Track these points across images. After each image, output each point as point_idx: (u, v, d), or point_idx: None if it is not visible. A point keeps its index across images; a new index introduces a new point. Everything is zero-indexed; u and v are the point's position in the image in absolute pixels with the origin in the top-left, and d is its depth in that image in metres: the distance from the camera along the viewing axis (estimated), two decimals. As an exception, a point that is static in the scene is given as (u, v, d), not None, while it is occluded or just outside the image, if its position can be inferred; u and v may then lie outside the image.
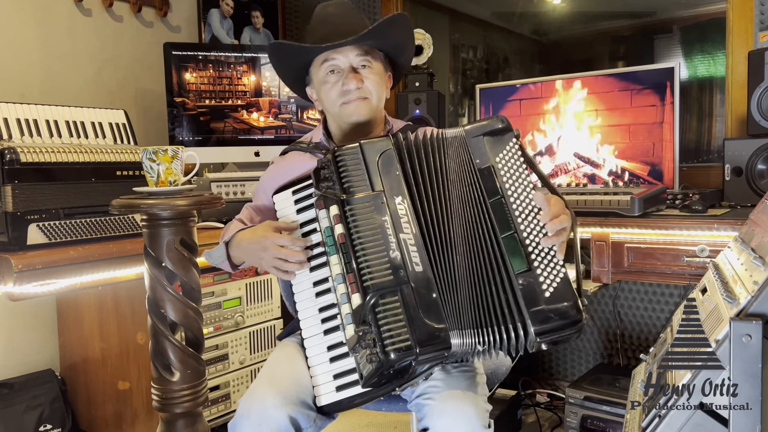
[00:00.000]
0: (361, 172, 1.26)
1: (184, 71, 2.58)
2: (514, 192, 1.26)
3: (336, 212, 1.23)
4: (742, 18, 2.23)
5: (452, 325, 1.18)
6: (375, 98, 1.48)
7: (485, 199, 1.26)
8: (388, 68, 1.56)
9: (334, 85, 1.47)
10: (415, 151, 1.30)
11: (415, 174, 1.28)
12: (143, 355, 2.01)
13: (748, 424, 1.08)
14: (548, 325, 1.16)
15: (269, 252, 1.31)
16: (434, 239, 1.24)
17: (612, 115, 2.31)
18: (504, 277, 1.20)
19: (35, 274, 1.65)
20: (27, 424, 2.14)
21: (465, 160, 1.30)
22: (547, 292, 1.18)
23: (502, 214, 1.24)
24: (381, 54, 1.52)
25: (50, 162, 1.77)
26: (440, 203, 1.27)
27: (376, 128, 1.55)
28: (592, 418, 2.10)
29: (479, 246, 1.24)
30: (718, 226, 1.74)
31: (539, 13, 3.51)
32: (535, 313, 1.16)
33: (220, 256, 1.46)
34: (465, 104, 3.66)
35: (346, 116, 1.49)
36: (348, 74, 1.45)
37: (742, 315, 1.10)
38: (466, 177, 1.29)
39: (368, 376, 1.16)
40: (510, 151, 1.30)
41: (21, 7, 2.39)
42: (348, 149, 1.29)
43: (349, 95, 1.46)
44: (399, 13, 1.48)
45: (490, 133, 1.31)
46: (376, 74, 1.48)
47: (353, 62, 1.46)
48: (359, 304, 1.17)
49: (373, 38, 1.46)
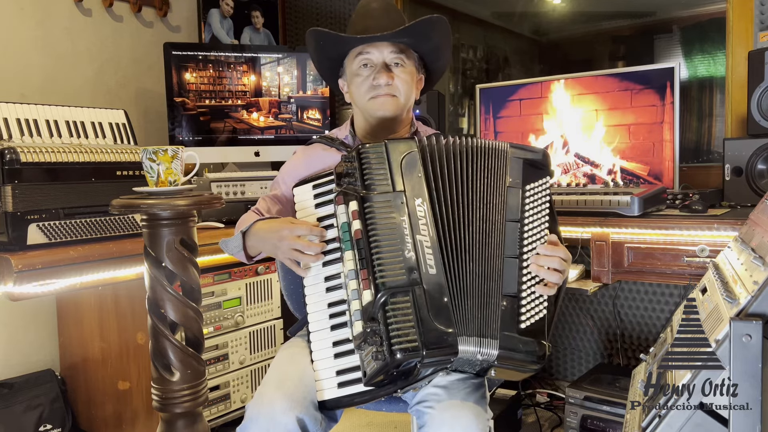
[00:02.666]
0: (384, 170, 1.27)
1: (184, 71, 2.58)
2: (530, 223, 1.29)
3: (355, 208, 1.23)
4: (742, 18, 2.23)
5: (460, 331, 1.19)
6: (403, 97, 1.48)
7: (504, 215, 1.28)
8: (422, 71, 1.56)
9: (366, 79, 1.47)
10: (438, 156, 1.30)
11: (437, 178, 1.28)
12: (143, 355, 2.01)
13: (748, 424, 1.08)
14: (512, 352, 1.20)
15: (286, 242, 1.30)
16: (450, 244, 1.24)
17: (612, 115, 2.31)
18: (495, 293, 1.23)
19: (35, 274, 1.65)
20: (27, 424, 2.14)
21: (499, 172, 1.32)
22: (524, 324, 1.22)
23: (514, 237, 1.27)
24: (416, 55, 1.52)
25: (50, 162, 1.77)
26: (460, 210, 1.28)
27: (401, 128, 1.55)
28: (592, 418, 2.10)
29: (487, 258, 1.26)
30: (718, 226, 1.74)
31: (539, 13, 3.51)
32: (506, 337, 1.20)
33: (236, 246, 1.44)
34: (465, 104, 3.65)
35: (372, 110, 1.49)
36: (380, 69, 1.46)
37: (742, 315, 1.10)
38: (493, 187, 1.30)
39: (371, 374, 1.16)
40: (540, 187, 1.33)
41: (21, 7, 2.39)
42: (373, 147, 1.29)
43: (378, 90, 1.46)
44: (438, 15, 1.47)
45: (531, 162, 1.34)
46: (407, 74, 1.48)
47: (387, 58, 1.47)
48: (369, 300, 1.16)
49: (410, 37, 1.46)
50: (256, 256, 1.47)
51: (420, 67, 1.55)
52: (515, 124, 2.53)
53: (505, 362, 1.20)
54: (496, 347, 1.19)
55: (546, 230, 1.30)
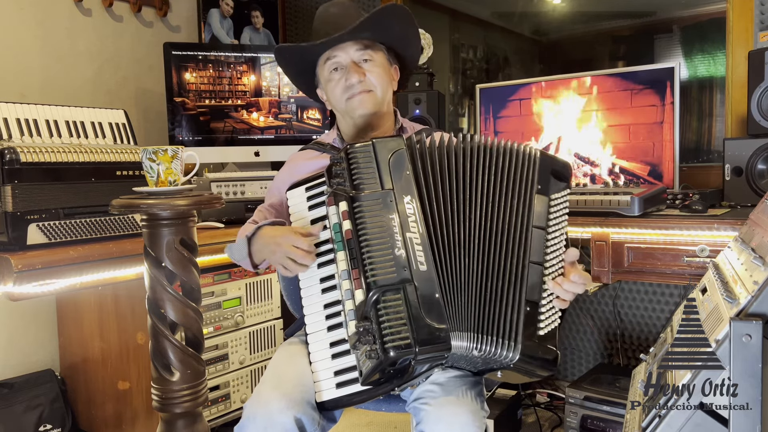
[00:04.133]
0: (372, 169, 1.27)
1: (184, 71, 2.58)
2: (554, 232, 1.30)
3: (345, 208, 1.23)
4: (742, 18, 2.23)
5: (453, 327, 1.19)
6: (379, 91, 1.49)
7: (530, 221, 1.28)
8: (394, 62, 1.57)
9: (338, 82, 1.49)
10: (428, 153, 1.30)
11: (427, 175, 1.28)
12: (143, 355, 2.01)
13: (748, 424, 1.08)
14: (531, 358, 1.20)
15: (282, 249, 1.31)
16: (442, 240, 1.24)
17: (612, 115, 2.31)
18: (517, 297, 1.23)
19: (35, 274, 1.65)
20: (27, 424, 2.14)
21: (528, 178, 1.31)
22: (542, 330, 1.22)
23: (539, 244, 1.27)
24: (383, 47, 1.53)
25: (50, 162, 1.77)
26: (454, 206, 1.27)
27: (385, 123, 1.56)
28: (592, 418, 2.10)
29: (503, 258, 1.25)
30: (718, 226, 1.74)
31: (539, 13, 3.51)
32: (527, 344, 1.20)
33: (241, 252, 1.45)
34: (465, 104, 3.66)
35: (352, 110, 1.50)
36: (350, 69, 1.47)
37: (742, 315, 1.10)
38: (520, 192, 1.30)
39: (367, 373, 1.16)
40: (561, 198, 1.33)
41: (21, 7, 2.39)
42: (360, 147, 1.29)
43: (352, 89, 1.47)
44: (393, 4, 1.49)
45: (556, 173, 1.34)
46: (378, 67, 1.49)
47: (354, 57, 1.48)
48: (362, 300, 1.17)
49: (370, 30, 1.47)
50: (260, 264, 1.48)
51: (392, 58, 1.56)
52: (515, 124, 2.53)
53: (521, 366, 1.20)
54: (517, 351, 1.19)
55: (564, 242, 1.31)
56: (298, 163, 1.60)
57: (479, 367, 1.31)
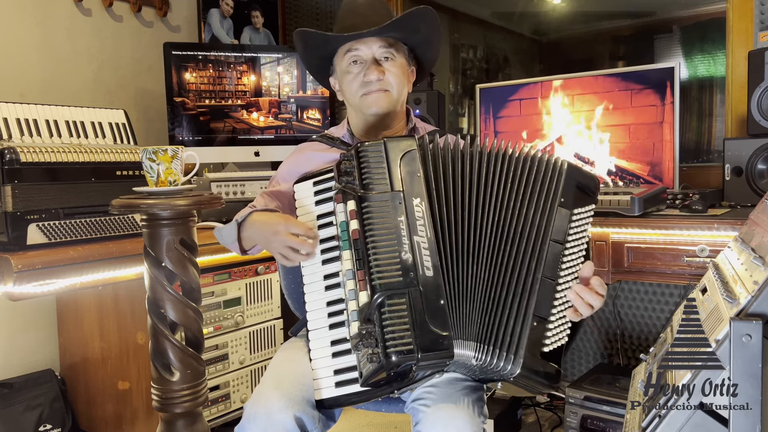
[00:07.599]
0: (383, 169, 1.24)
1: (184, 71, 2.58)
2: (572, 249, 1.27)
3: (353, 207, 1.22)
4: (742, 18, 2.23)
5: (456, 335, 1.18)
6: (395, 91, 1.48)
7: (547, 233, 1.25)
8: (412, 63, 1.55)
9: (356, 76, 1.47)
10: (441, 155, 1.28)
11: (438, 178, 1.26)
12: (143, 355, 2.01)
13: (748, 424, 1.08)
14: (532, 373, 1.19)
15: (280, 237, 1.29)
16: (450, 246, 1.23)
17: (612, 114, 2.31)
18: (523, 309, 1.21)
19: (35, 274, 1.65)
20: (27, 424, 2.14)
21: (551, 189, 1.29)
22: (547, 347, 1.21)
23: (555, 260, 1.24)
24: (405, 48, 1.51)
25: (50, 162, 1.77)
26: (465, 211, 1.25)
27: (397, 122, 1.54)
28: (592, 418, 2.10)
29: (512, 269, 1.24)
30: (718, 226, 1.74)
31: (539, 13, 3.51)
32: (530, 357, 1.19)
33: (230, 236, 1.43)
34: (465, 104, 3.66)
35: (366, 107, 1.48)
36: (370, 65, 1.45)
37: (742, 315, 1.10)
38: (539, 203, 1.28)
39: (367, 376, 1.15)
40: (585, 214, 1.31)
41: (21, 7, 2.39)
42: (372, 145, 1.27)
43: (369, 86, 1.45)
44: (426, 6, 1.44)
45: (582, 186, 1.31)
46: (398, 67, 1.47)
47: (376, 54, 1.46)
48: (366, 302, 1.15)
49: (399, 31, 1.45)
50: (250, 250, 1.46)
51: (411, 59, 1.54)
52: (515, 124, 2.53)
53: (521, 381, 1.19)
54: (518, 365, 1.18)
55: (582, 258, 1.28)
56: (307, 153, 1.57)
57: (478, 376, 1.30)
